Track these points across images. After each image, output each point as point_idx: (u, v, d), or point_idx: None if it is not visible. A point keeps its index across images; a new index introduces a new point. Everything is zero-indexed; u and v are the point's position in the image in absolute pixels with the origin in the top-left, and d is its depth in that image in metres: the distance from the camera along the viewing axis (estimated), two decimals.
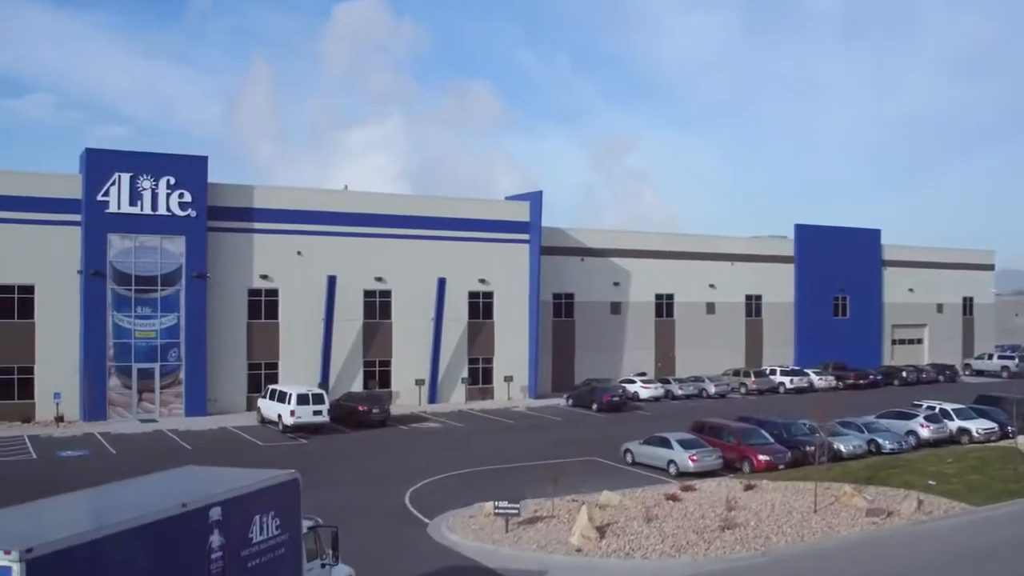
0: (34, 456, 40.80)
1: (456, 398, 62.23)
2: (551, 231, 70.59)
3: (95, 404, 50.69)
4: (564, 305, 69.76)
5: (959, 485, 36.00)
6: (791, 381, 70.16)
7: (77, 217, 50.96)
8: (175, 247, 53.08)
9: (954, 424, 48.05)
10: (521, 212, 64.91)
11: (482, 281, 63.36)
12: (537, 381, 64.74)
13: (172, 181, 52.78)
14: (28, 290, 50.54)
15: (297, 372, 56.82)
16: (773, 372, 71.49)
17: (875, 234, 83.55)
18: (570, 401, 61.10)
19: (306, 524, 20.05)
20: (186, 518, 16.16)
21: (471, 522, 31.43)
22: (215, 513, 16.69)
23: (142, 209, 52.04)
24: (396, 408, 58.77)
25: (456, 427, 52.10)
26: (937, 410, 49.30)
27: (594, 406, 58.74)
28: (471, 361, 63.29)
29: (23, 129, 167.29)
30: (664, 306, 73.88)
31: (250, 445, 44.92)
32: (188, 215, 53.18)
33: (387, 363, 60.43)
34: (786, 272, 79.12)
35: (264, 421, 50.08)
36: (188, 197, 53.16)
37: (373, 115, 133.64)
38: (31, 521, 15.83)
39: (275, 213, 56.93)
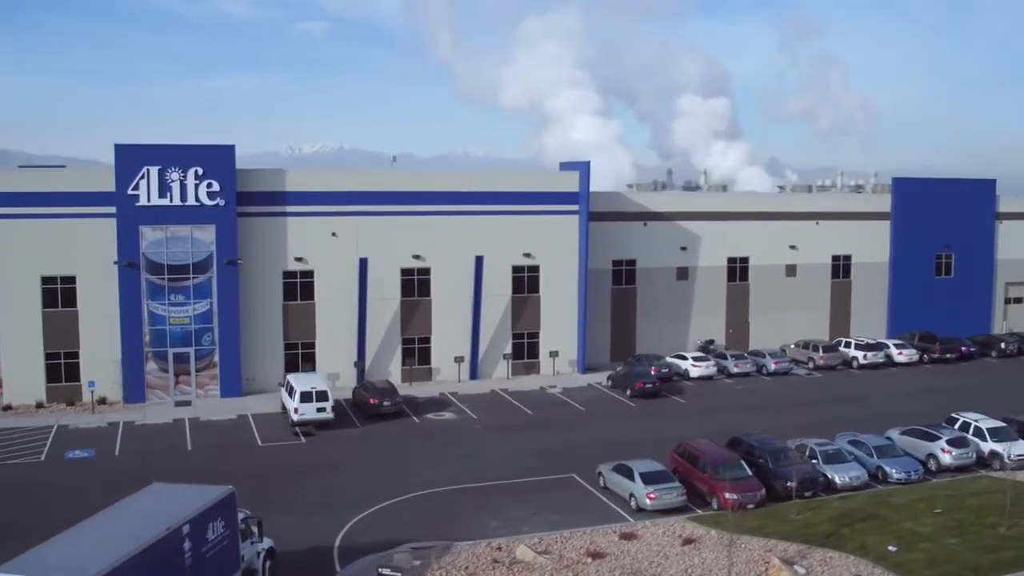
0: (42, 458, 44.02)
1: (499, 373, 61.98)
2: (611, 196, 68.11)
3: (134, 387, 53.93)
4: (625, 272, 67.31)
5: (923, 554, 32.86)
6: (865, 356, 65.19)
7: (111, 209, 53.27)
8: (205, 236, 54.76)
9: (987, 446, 43.54)
10: (569, 183, 62.52)
11: (527, 255, 61.95)
12: (585, 355, 63.39)
13: (200, 172, 54.10)
14: (70, 280, 53.72)
15: (334, 351, 58.22)
16: (848, 344, 66.66)
17: (988, 184, 75.00)
18: (609, 382, 59.55)
19: (241, 516, 29.73)
20: (170, 535, 25.37)
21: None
22: (186, 528, 26.06)
23: (171, 200, 53.77)
24: (434, 386, 59.57)
25: (470, 420, 52.02)
26: (971, 428, 44.69)
27: (628, 391, 57.06)
28: (516, 336, 62.57)
29: (226, 26, 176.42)
30: (737, 270, 69.95)
31: (248, 446, 46.59)
32: (217, 204, 54.51)
33: (427, 340, 60.72)
34: (880, 229, 72.72)
35: (284, 410, 51.74)
36: (216, 186, 54.40)
37: (551, 3, 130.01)
38: (73, 555, 23.69)
39: (308, 196, 57.41)
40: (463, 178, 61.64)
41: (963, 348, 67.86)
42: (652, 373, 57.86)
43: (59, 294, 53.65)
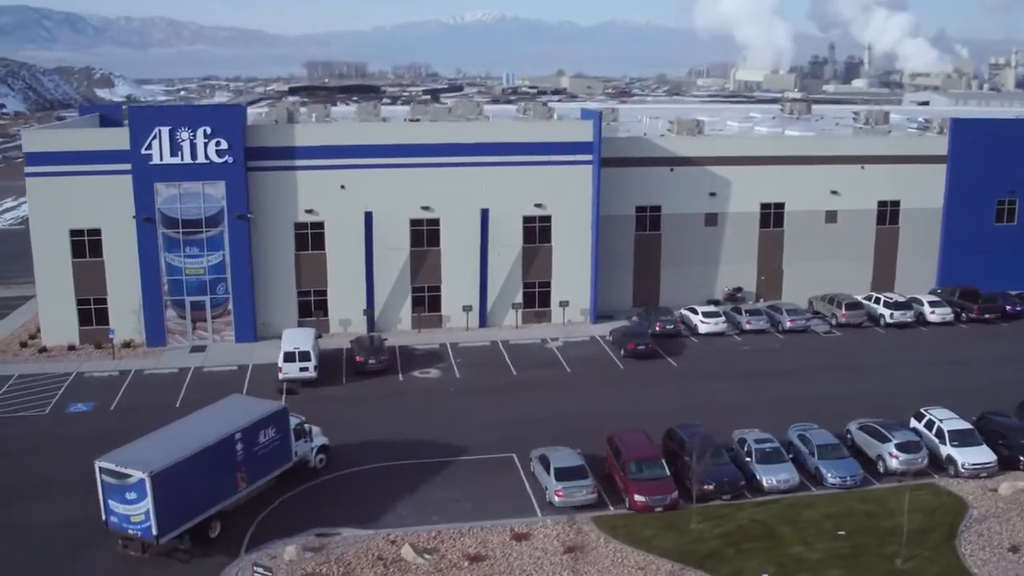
0: (46, 411, 48.85)
1: (509, 322, 63.10)
2: (636, 141, 66.73)
3: (154, 333, 58.33)
4: (649, 218, 66.17)
5: None
6: (892, 315, 62.19)
7: (129, 167, 56.59)
8: (216, 191, 57.50)
9: (945, 450, 41.78)
10: (582, 132, 61.47)
11: (538, 205, 61.91)
12: (597, 304, 63.49)
13: (208, 131, 56.47)
14: (96, 233, 57.92)
15: (345, 298, 60.79)
16: (876, 300, 63.68)
17: None
18: (610, 337, 59.62)
19: (296, 421, 40.63)
20: (223, 440, 36.16)
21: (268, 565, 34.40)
22: (238, 435, 36.81)
23: (182, 159, 56.57)
24: (443, 333, 61.43)
25: (451, 380, 53.66)
26: (935, 428, 42.82)
27: (621, 351, 57.12)
28: (527, 285, 63.21)
29: None
30: (771, 216, 67.41)
31: None
32: (226, 161, 56.98)
33: (437, 288, 62.27)
34: (934, 173, 67.97)
35: None
36: (225, 144, 56.74)
37: None
38: (148, 451, 34.60)
39: (317, 150, 59.08)
40: (474, 129, 61.59)
41: (1007, 307, 63.66)
42: (647, 333, 57.54)
43: (86, 245, 58.01)
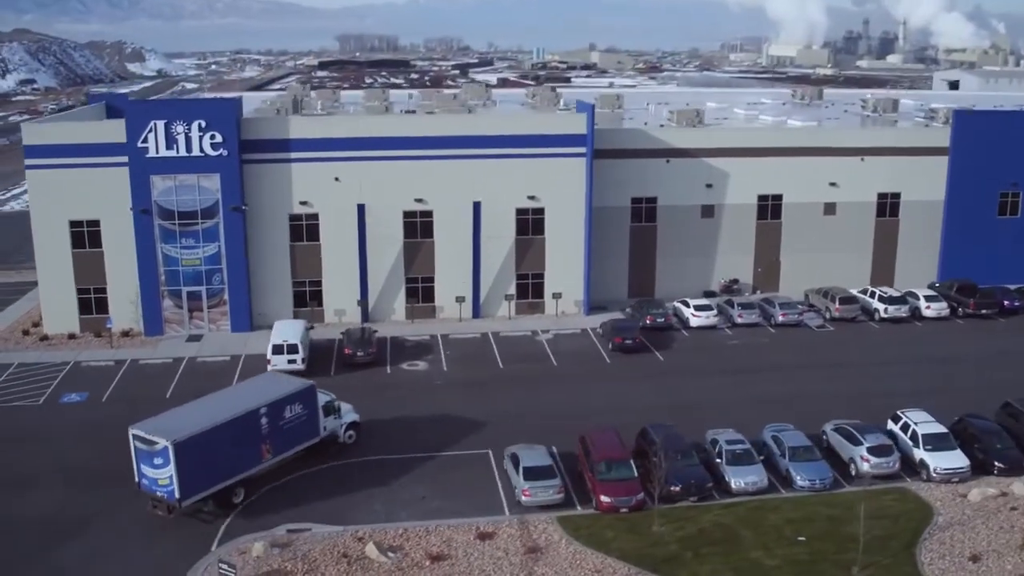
0: (40, 402, 50.10)
1: (503, 312, 63.55)
2: (631, 133, 66.57)
3: (152, 322, 59.48)
4: (645, 210, 66.15)
5: None
6: (886, 310, 61.81)
7: (126, 159, 57.54)
8: (211, 184, 58.31)
9: (918, 453, 41.74)
10: (576, 125, 61.49)
11: (531, 197, 62.11)
12: (591, 296, 63.75)
13: (203, 124, 57.22)
14: (95, 224, 59.04)
15: (340, 289, 61.60)
16: (872, 294, 63.28)
17: None
18: (600, 330, 59.88)
19: (326, 399, 42.91)
20: (248, 414, 38.96)
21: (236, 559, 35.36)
22: (263, 410, 39.56)
23: (178, 152, 57.37)
24: (436, 324, 62.05)
25: (438, 373, 54.26)
26: (909, 432, 42.74)
27: (609, 345, 57.40)
28: (520, 277, 63.55)
29: None
30: (769, 208, 67.07)
31: None
32: (220, 154, 57.72)
33: (430, 280, 62.81)
34: (935, 165, 67.15)
35: None
36: (219, 138, 57.48)
37: None
38: (177, 421, 37.99)
39: (311, 142, 59.66)
40: (465, 122, 61.82)
41: (1004, 302, 62.97)
42: (635, 327, 57.73)
43: (86, 236, 59.17)
